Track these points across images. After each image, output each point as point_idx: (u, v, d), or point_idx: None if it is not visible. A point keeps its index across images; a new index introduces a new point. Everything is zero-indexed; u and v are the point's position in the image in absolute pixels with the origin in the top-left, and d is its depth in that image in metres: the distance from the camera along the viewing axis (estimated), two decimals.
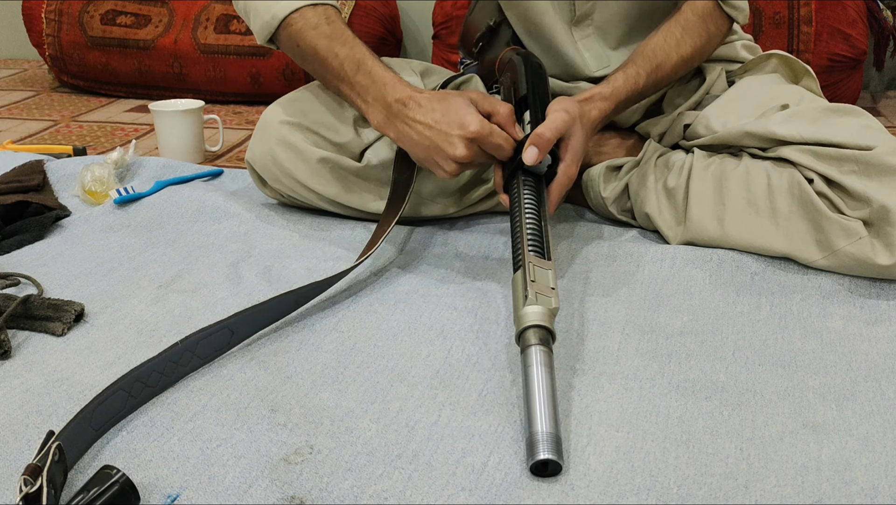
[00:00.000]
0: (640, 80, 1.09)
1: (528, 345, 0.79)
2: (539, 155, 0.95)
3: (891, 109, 1.93)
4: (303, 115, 1.18)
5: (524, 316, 0.80)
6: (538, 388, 0.75)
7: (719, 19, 1.16)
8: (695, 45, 1.14)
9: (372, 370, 0.86)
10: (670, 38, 1.12)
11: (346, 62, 1.07)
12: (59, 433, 0.70)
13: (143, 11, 2.07)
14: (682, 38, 1.12)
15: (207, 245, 1.17)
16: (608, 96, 1.06)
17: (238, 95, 2.04)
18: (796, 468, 0.71)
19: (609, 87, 1.07)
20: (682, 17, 1.14)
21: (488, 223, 1.23)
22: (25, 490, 0.63)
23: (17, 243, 1.17)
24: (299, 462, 0.73)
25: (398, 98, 1.02)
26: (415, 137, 1.01)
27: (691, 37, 1.13)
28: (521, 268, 0.86)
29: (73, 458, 0.72)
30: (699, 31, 1.14)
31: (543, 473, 0.71)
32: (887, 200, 0.98)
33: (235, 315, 0.88)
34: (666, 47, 1.12)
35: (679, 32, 1.13)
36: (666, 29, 1.13)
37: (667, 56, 1.11)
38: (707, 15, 1.15)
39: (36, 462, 0.65)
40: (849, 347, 0.90)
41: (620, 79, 1.08)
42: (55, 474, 0.66)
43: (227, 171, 1.47)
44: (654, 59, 1.11)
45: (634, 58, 1.11)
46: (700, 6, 1.15)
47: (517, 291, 0.84)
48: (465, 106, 0.99)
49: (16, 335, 0.94)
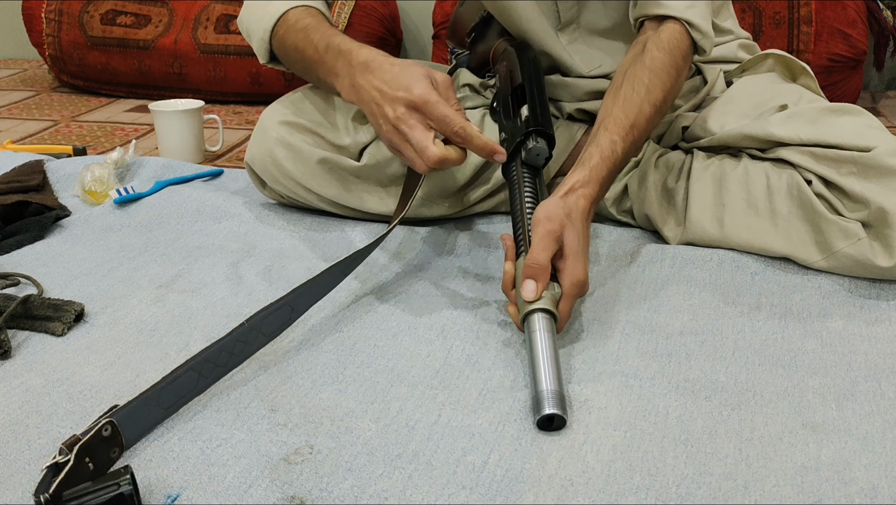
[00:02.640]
0: (617, 148, 0.97)
1: (530, 313, 0.84)
2: (540, 286, 0.86)
3: (891, 109, 1.93)
4: (302, 115, 1.18)
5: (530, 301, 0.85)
6: (541, 349, 0.81)
7: (686, 49, 1.06)
8: (665, 87, 1.02)
9: (372, 370, 0.86)
10: (638, 85, 1.01)
11: (319, 45, 1.06)
12: (118, 409, 0.73)
13: (143, 11, 2.07)
14: (650, 82, 1.01)
15: (207, 245, 1.17)
16: (588, 181, 0.93)
17: (238, 95, 2.04)
18: (796, 468, 0.71)
19: (587, 171, 0.94)
20: (647, 56, 1.03)
21: (488, 223, 1.23)
22: (56, 459, 0.67)
23: (17, 243, 1.17)
24: (299, 462, 0.73)
25: (361, 61, 1.02)
26: (365, 98, 1.00)
27: (660, 78, 1.02)
28: (524, 254, 0.90)
29: (136, 435, 0.75)
30: (667, 70, 1.03)
31: (549, 428, 0.76)
32: (885, 203, 0.98)
33: (293, 291, 0.90)
34: (636, 99, 1.00)
35: (647, 76, 1.01)
36: (632, 75, 1.02)
37: (639, 111, 1.00)
38: (674, 47, 1.04)
39: (79, 434, 0.69)
40: (849, 347, 0.90)
41: (596, 155, 0.95)
42: (100, 450, 0.70)
43: (227, 171, 1.47)
44: (625, 120, 0.98)
45: (605, 121, 0.99)
46: (665, 38, 1.05)
47: (519, 277, 0.88)
48: (417, 74, 0.98)
49: (16, 335, 0.94)
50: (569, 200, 0.92)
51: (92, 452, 0.69)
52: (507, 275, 0.91)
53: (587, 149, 0.97)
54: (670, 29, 1.06)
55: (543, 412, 0.75)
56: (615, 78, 1.05)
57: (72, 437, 0.69)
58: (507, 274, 0.91)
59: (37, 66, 2.47)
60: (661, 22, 1.06)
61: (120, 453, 0.73)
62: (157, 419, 0.77)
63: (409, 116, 0.96)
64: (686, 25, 1.06)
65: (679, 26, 1.06)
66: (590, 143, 0.98)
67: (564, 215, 0.89)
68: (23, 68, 2.47)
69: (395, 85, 0.97)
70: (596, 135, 0.98)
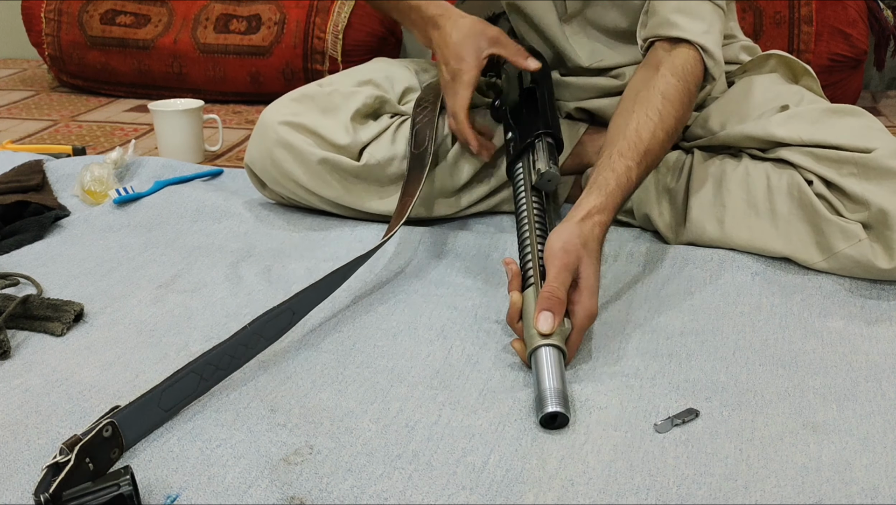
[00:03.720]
0: (631, 175, 0.95)
1: (540, 347, 0.82)
2: (556, 320, 0.83)
3: (891, 109, 1.93)
4: (301, 115, 1.18)
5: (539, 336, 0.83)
6: (546, 355, 0.81)
7: (699, 76, 1.04)
8: (677, 115, 1.00)
9: (372, 370, 0.86)
10: (651, 111, 0.98)
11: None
12: (119, 410, 0.73)
13: (143, 11, 2.07)
14: (663, 108, 0.99)
15: (207, 245, 1.17)
16: (604, 207, 0.92)
17: (238, 95, 2.04)
18: (796, 468, 0.71)
19: (603, 196, 0.92)
20: (661, 81, 1.01)
21: (488, 223, 1.23)
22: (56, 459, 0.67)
23: (16, 243, 1.17)
24: (299, 462, 0.72)
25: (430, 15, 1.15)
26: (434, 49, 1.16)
27: (673, 105, 1.00)
28: (533, 287, 0.87)
29: (136, 436, 0.75)
30: (680, 97, 1.01)
31: (551, 427, 0.76)
32: (886, 204, 0.97)
33: (295, 296, 0.90)
34: (650, 126, 0.97)
35: (660, 103, 0.99)
36: (645, 100, 1.00)
37: (653, 137, 0.97)
38: (688, 73, 1.02)
39: (80, 434, 0.69)
40: (849, 347, 0.90)
41: (612, 181, 0.93)
42: (100, 450, 0.70)
43: (227, 170, 1.47)
44: (640, 145, 0.96)
45: (619, 146, 0.96)
46: (679, 63, 1.02)
47: (529, 309, 0.85)
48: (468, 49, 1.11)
49: (15, 335, 0.94)
50: (584, 228, 0.89)
51: (92, 453, 0.69)
52: (514, 306, 0.87)
53: (601, 172, 0.95)
54: (685, 54, 1.03)
55: (546, 410, 0.76)
56: (625, 99, 1.03)
57: (72, 437, 0.69)
58: (514, 306, 0.87)
59: (36, 65, 2.47)
60: (675, 45, 1.04)
61: (120, 454, 0.73)
62: (157, 421, 0.77)
63: (450, 85, 1.12)
64: (701, 51, 1.03)
65: (694, 52, 1.03)
66: (604, 167, 0.95)
67: (581, 245, 0.87)
68: (22, 68, 2.47)
69: (447, 53, 1.12)
70: (610, 158, 0.96)
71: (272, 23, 1.98)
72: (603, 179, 0.94)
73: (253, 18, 1.99)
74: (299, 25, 1.96)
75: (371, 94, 1.20)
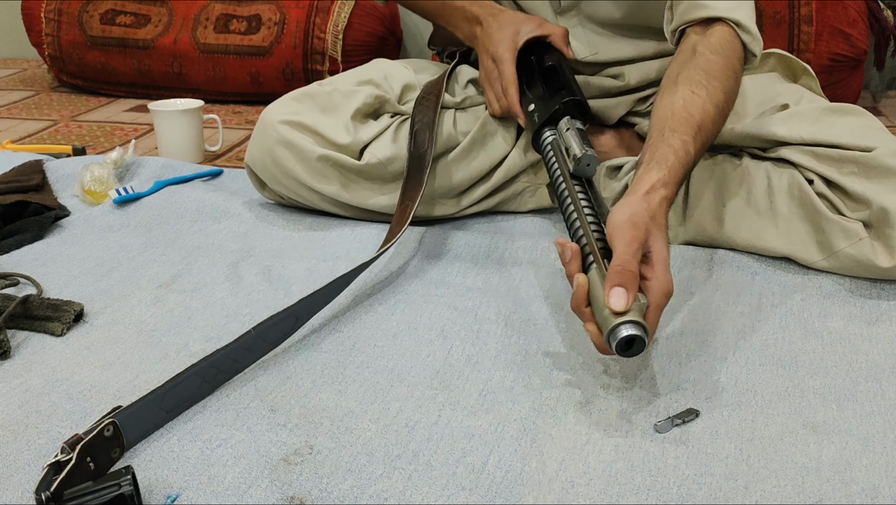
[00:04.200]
0: (689, 148, 0.90)
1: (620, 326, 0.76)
2: (631, 296, 0.76)
3: (891, 109, 1.93)
4: (302, 114, 1.18)
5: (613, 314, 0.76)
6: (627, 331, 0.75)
7: (740, 51, 1.01)
8: (725, 88, 0.97)
9: (372, 370, 0.86)
10: (697, 87, 0.95)
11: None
12: (120, 410, 0.73)
13: (143, 11, 2.07)
14: (709, 83, 0.95)
15: (207, 245, 1.17)
16: (668, 181, 0.86)
17: (238, 95, 2.04)
18: (796, 468, 0.71)
19: (664, 170, 0.87)
20: (700, 59, 0.98)
21: (488, 223, 1.23)
22: (57, 458, 0.67)
23: (16, 243, 1.17)
24: (299, 462, 0.72)
25: (474, 15, 1.19)
26: (477, 46, 1.20)
27: (718, 80, 0.96)
28: (596, 267, 0.81)
29: (137, 436, 0.75)
30: (724, 71, 0.97)
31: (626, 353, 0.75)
32: (887, 202, 0.97)
33: (298, 302, 0.90)
34: (698, 101, 0.94)
35: (704, 78, 0.96)
36: (687, 78, 0.96)
37: (704, 112, 0.93)
38: (727, 49, 0.99)
39: (81, 434, 0.69)
40: (849, 347, 0.90)
41: (671, 155, 0.88)
42: (101, 449, 0.70)
43: (227, 170, 1.47)
44: (692, 120, 0.92)
45: (670, 123, 0.92)
46: (716, 41, 0.99)
47: (597, 290, 0.79)
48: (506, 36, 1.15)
49: (15, 335, 0.94)
50: (651, 201, 0.84)
51: (93, 452, 0.69)
52: (581, 289, 0.80)
53: (657, 148, 0.90)
54: (719, 31, 1.00)
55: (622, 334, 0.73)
56: (666, 83, 0.99)
57: (74, 436, 0.69)
58: (581, 288, 0.80)
59: (36, 65, 2.47)
60: (707, 26, 1.01)
61: (121, 454, 0.73)
62: (158, 421, 0.77)
63: (493, 69, 1.16)
64: (735, 27, 1.01)
65: (728, 28, 1.01)
66: (657, 144, 0.90)
67: (649, 218, 0.82)
68: (22, 68, 2.47)
69: (491, 43, 1.16)
70: (663, 135, 0.91)
71: (272, 23, 1.98)
72: (661, 155, 0.89)
73: (253, 18, 1.99)
74: (299, 25, 1.96)
75: (371, 93, 1.20)
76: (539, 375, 0.85)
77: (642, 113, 1.29)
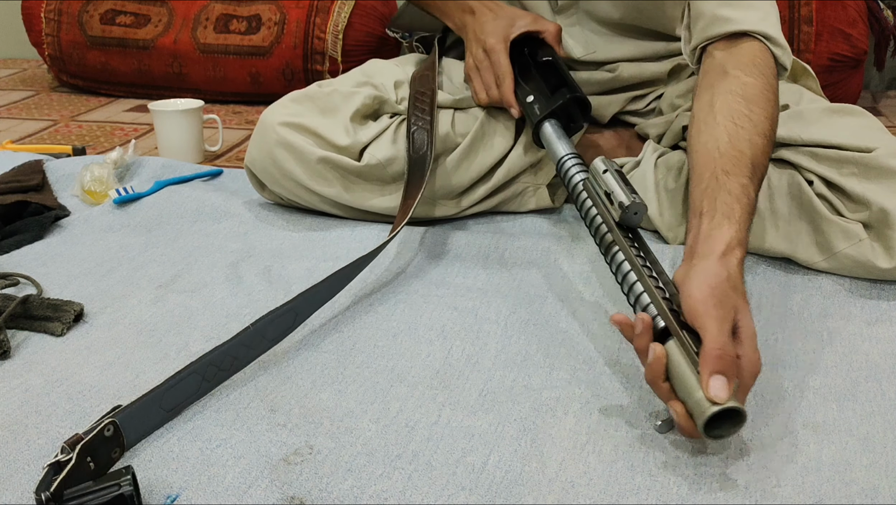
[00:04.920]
0: (750, 192, 0.82)
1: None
2: (731, 384, 0.68)
3: (891, 109, 1.93)
4: (302, 116, 1.18)
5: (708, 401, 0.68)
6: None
7: (774, 67, 0.94)
8: (768, 115, 0.89)
9: (372, 370, 0.86)
10: (739, 118, 0.87)
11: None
12: (120, 410, 0.73)
13: (143, 11, 2.07)
14: (750, 111, 0.88)
15: (207, 245, 1.17)
16: (741, 239, 0.78)
17: (238, 95, 2.04)
18: (797, 469, 0.71)
19: (734, 225, 0.78)
20: (735, 83, 0.90)
21: (488, 223, 1.23)
22: (57, 458, 0.67)
23: (16, 243, 1.17)
24: (299, 462, 0.72)
25: (469, 6, 1.20)
26: (466, 35, 1.21)
27: (760, 106, 0.88)
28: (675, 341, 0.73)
29: (137, 436, 0.75)
30: (765, 94, 0.90)
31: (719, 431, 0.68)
32: (887, 203, 0.97)
33: (297, 297, 0.90)
34: (744, 134, 0.86)
35: (744, 106, 0.88)
36: (726, 107, 0.88)
37: (753, 146, 0.85)
38: (761, 65, 0.92)
39: (81, 433, 0.69)
40: (849, 347, 0.90)
41: (736, 206, 0.80)
42: (101, 449, 0.70)
43: (227, 170, 1.47)
44: (743, 159, 0.84)
45: (720, 164, 0.84)
46: (748, 60, 0.92)
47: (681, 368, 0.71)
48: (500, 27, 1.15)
49: (15, 335, 0.94)
50: (730, 267, 0.75)
51: (93, 452, 0.69)
52: (659, 361, 0.72)
53: (716, 196, 0.81)
54: (750, 48, 0.94)
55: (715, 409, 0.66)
56: (700, 113, 0.91)
57: (74, 435, 0.69)
58: (659, 361, 0.72)
59: (36, 65, 2.47)
60: (733, 42, 0.95)
61: (121, 453, 0.73)
62: (158, 421, 0.77)
63: (484, 59, 1.16)
64: (764, 40, 0.95)
65: (757, 42, 0.94)
66: (714, 190, 0.82)
67: (731, 290, 0.74)
68: (22, 68, 2.47)
69: (483, 33, 1.17)
70: (717, 180, 0.82)
71: (272, 23, 1.98)
72: (724, 205, 0.80)
73: (253, 18, 1.99)
74: (299, 25, 1.96)
75: (370, 94, 1.20)
76: (539, 375, 0.85)
77: (641, 113, 1.29)
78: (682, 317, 0.74)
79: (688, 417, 0.70)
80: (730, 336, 0.71)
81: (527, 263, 1.10)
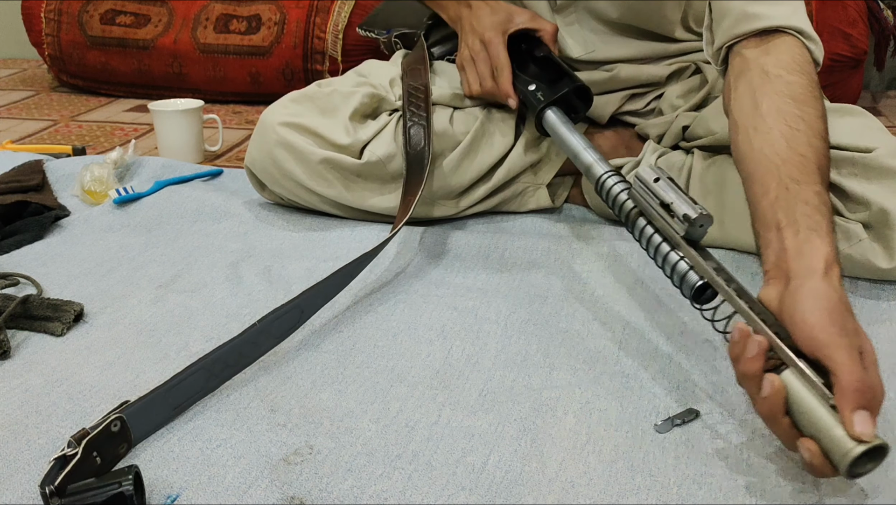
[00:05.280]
0: (825, 199, 0.77)
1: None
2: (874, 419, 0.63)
3: (891, 109, 1.93)
4: (302, 115, 1.18)
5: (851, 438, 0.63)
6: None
7: (811, 61, 0.90)
8: (819, 114, 0.84)
9: (372, 370, 0.86)
10: (794, 121, 0.82)
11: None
12: (128, 405, 0.73)
13: (143, 11, 2.07)
14: (803, 112, 0.83)
15: (207, 245, 1.17)
16: (836, 255, 0.73)
17: (238, 95, 2.04)
18: (796, 468, 0.71)
19: (825, 237, 0.73)
20: (779, 83, 0.85)
21: (488, 223, 1.23)
22: (64, 452, 0.67)
23: (16, 243, 1.17)
24: (299, 462, 0.72)
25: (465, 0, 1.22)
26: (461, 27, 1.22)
27: (809, 104, 0.84)
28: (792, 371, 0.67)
29: (144, 432, 0.75)
30: (812, 92, 0.86)
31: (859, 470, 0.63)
32: (887, 204, 0.97)
33: (303, 294, 0.90)
34: (802, 138, 0.81)
35: (795, 107, 0.83)
36: (775, 109, 0.83)
37: (814, 149, 0.81)
38: (802, 62, 0.88)
39: (88, 428, 0.69)
40: None
41: (818, 216, 0.75)
42: (108, 445, 0.71)
43: (227, 170, 1.47)
44: (809, 164, 0.79)
45: (789, 172, 0.78)
46: (786, 57, 0.87)
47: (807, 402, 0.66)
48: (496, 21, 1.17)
49: (15, 335, 0.94)
50: (837, 287, 0.70)
51: (100, 447, 0.69)
52: (779, 395, 0.66)
53: (793, 207, 0.75)
54: (785, 44, 0.90)
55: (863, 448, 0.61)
56: (746, 118, 0.86)
57: (81, 430, 0.69)
58: (779, 394, 0.66)
59: (36, 65, 2.47)
60: (765, 40, 0.91)
61: (128, 449, 0.73)
62: (165, 417, 0.77)
63: (481, 50, 1.17)
64: (798, 35, 0.91)
65: (792, 38, 0.90)
66: (788, 201, 0.76)
67: (846, 311, 0.68)
68: (22, 68, 2.47)
69: (480, 26, 1.18)
70: (788, 190, 0.77)
71: (272, 23, 1.98)
72: (806, 217, 0.74)
73: (253, 18, 1.99)
74: (299, 25, 1.96)
75: (368, 92, 1.20)
76: (539, 375, 0.85)
77: (640, 113, 1.29)
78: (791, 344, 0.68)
79: (822, 456, 0.64)
80: (861, 365, 0.65)
81: (527, 262, 1.10)
